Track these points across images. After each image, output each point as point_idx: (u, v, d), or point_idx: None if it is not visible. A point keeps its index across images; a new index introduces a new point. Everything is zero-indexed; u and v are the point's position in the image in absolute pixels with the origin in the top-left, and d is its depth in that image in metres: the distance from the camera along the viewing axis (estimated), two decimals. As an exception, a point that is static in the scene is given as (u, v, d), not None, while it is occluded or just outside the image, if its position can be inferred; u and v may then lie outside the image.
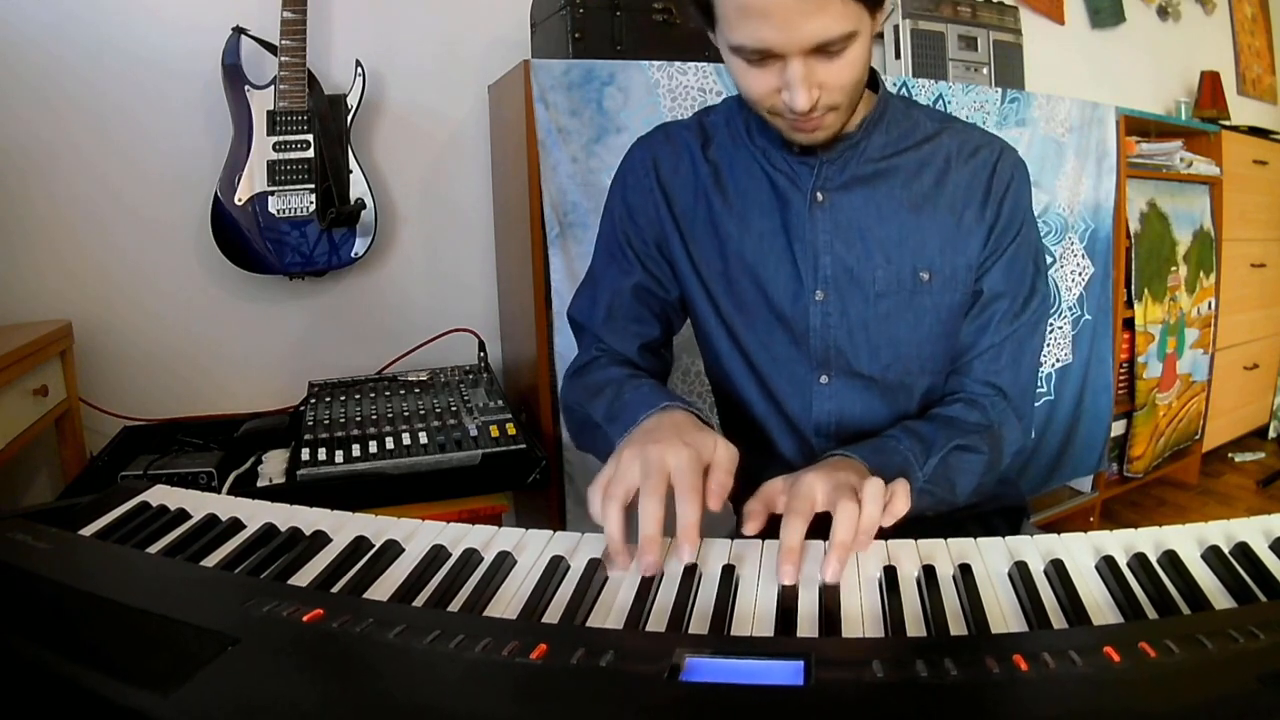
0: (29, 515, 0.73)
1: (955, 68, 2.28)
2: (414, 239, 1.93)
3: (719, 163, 0.99)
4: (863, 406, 0.97)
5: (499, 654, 0.49)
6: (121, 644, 0.53)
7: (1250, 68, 3.72)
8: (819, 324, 0.95)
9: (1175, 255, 2.67)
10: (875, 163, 0.94)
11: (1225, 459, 3.19)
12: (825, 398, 0.97)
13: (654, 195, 1.01)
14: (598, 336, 1.03)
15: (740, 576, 0.65)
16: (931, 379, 0.98)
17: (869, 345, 0.95)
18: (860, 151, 0.94)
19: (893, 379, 0.96)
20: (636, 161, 1.03)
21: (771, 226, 0.96)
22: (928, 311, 0.94)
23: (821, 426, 0.98)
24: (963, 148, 0.96)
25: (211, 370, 1.79)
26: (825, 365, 0.96)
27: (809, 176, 0.94)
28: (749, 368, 1.00)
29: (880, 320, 0.94)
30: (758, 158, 0.97)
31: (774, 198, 0.96)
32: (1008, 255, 0.96)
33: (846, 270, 0.94)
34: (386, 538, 0.72)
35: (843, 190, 0.94)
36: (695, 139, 1.01)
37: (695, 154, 1.00)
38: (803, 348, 0.97)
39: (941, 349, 0.97)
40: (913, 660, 0.47)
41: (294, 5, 1.63)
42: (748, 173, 0.97)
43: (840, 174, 0.94)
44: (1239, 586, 0.60)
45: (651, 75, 1.60)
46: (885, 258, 0.93)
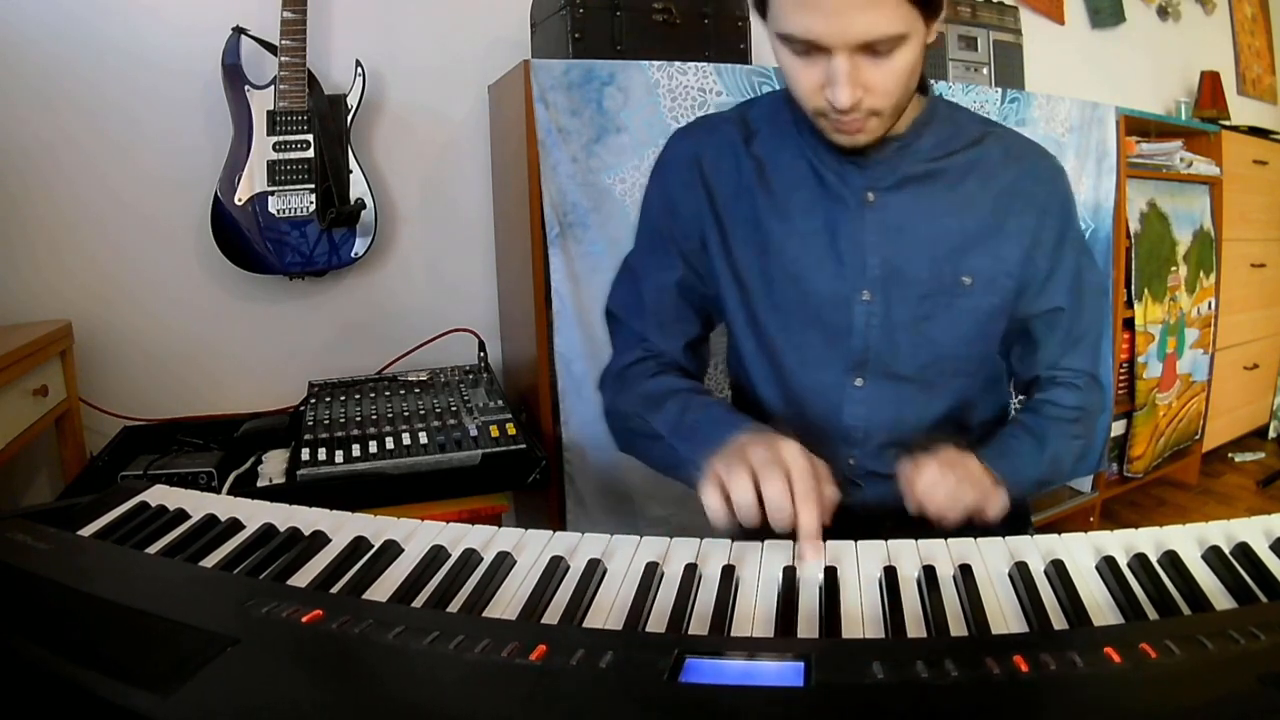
0: (29, 515, 0.73)
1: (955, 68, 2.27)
2: (414, 239, 1.93)
3: (763, 158, 0.97)
4: (893, 410, 0.96)
5: (499, 655, 0.49)
6: (121, 644, 0.53)
7: (1250, 68, 3.72)
8: (862, 325, 0.94)
9: (1175, 255, 2.67)
10: (925, 163, 0.94)
11: (1225, 459, 3.19)
12: (857, 401, 0.96)
13: (696, 189, 0.99)
14: (642, 336, 1.01)
15: (740, 577, 0.65)
16: (965, 381, 0.98)
17: (909, 346, 0.94)
18: (911, 152, 0.93)
19: (928, 380, 0.96)
20: (679, 153, 1.01)
21: (816, 225, 0.94)
22: (966, 314, 0.94)
23: (851, 431, 0.97)
24: (1007, 153, 0.96)
25: (211, 370, 1.79)
26: (862, 367, 0.95)
27: (859, 176, 0.93)
28: (775, 370, 0.99)
29: (921, 321, 0.94)
30: (806, 154, 0.95)
31: (822, 195, 0.94)
32: (1067, 263, 0.97)
33: (894, 271, 0.93)
34: (386, 538, 0.72)
35: (893, 190, 0.93)
36: (738, 132, 0.99)
37: (739, 148, 0.98)
38: (840, 349, 0.95)
39: (976, 351, 0.97)
40: (913, 661, 0.46)
41: (294, 5, 1.63)
42: (793, 169, 0.96)
43: (891, 174, 0.93)
44: (1239, 587, 0.60)
45: (651, 75, 1.60)
46: (931, 259, 0.93)
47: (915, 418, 0.96)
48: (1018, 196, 0.94)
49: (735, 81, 1.65)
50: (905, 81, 0.82)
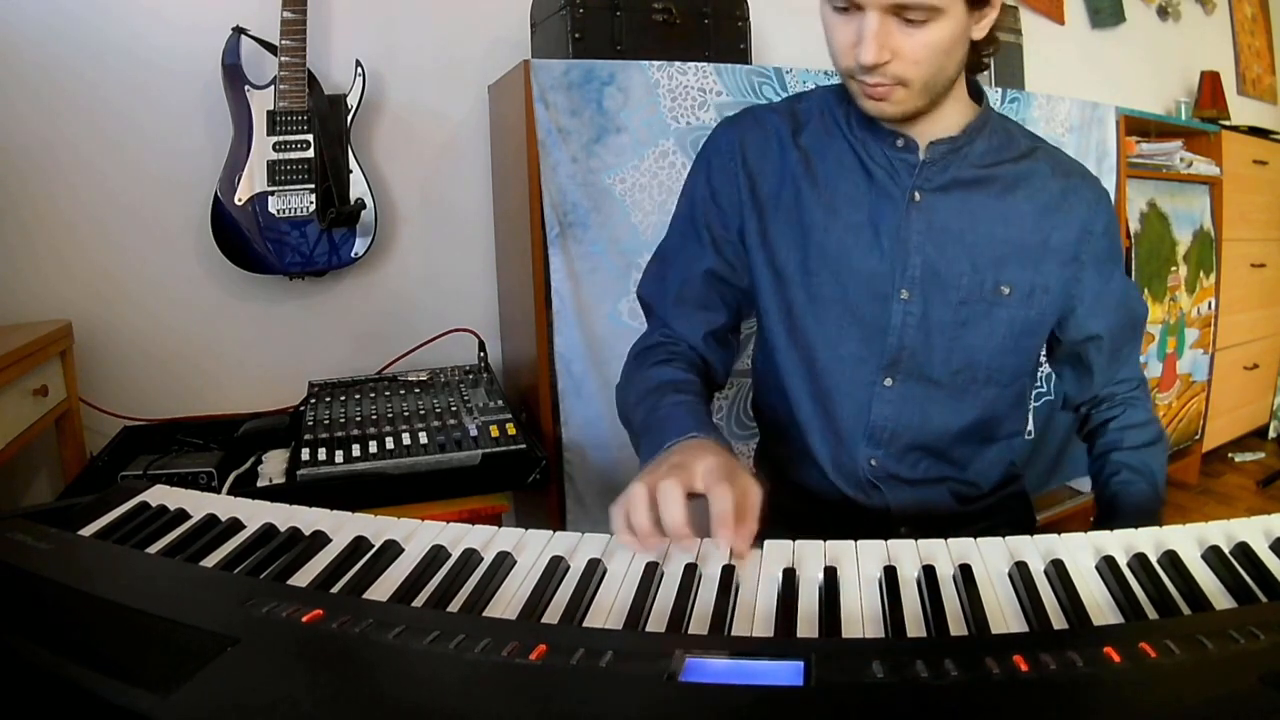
0: (29, 515, 0.73)
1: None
2: (414, 239, 1.93)
3: (810, 150, 0.97)
4: (921, 413, 0.96)
5: (499, 654, 0.49)
6: (121, 644, 0.53)
7: (1250, 68, 3.72)
8: (899, 323, 0.94)
9: (1175, 255, 2.67)
10: (976, 169, 0.94)
11: (1225, 459, 3.19)
12: (885, 401, 0.96)
13: (738, 179, 0.99)
14: (664, 320, 1.02)
15: (740, 576, 0.65)
16: (996, 390, 0.98)
17: (944, 350, 0.95)
18: (963, 156, 0.94)
19: (959, 385, 0.96)
20: (723, 143, 1.01)
21: (860, 219, 0.94)
22: (1002, 324, 0.95)
23: (877, 431, 0.97)
24: (1055, 170, 0.97)
25: (211, 370, 1.79)
26: (894, 366, 0.95)
27: (909, 174, 0.93)
28: (806, 365, 0.99)
29: (958, 326, 0.94)
30: (855, 148, 0.95)
31: (869, 190, 0.94)
32: (1115, 286, 1.00)
33: (934, 273, 0.93)
34: (386, 538, 0.72)
35: (941, 192, 0.93)
36: (786, 124, 0.99)
37: (785, 139, 0.98)
38: (874, 346, 0.95)
39: (1010, 362, 0.97)
40: (913, 661, 0.46)
41: (294, 5, 1.63)
42: (840, 163, 0.96)
43: (941, 175, 0.93)
44: (1239, 587, 0.60)
45: (651, 75, 1.60)
46: (972, 265, 0.93)
47: (942, 424, 0.96)
48: (1063, 213, 0.95)
49: (735, 81, 1.65)
50: (936, 58, 0.83)
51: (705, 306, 1.01)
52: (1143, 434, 1.01)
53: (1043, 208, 0.95)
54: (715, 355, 1.01)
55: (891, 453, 0.97)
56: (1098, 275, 0.98)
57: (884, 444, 0.97)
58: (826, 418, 0.98)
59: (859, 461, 0.97)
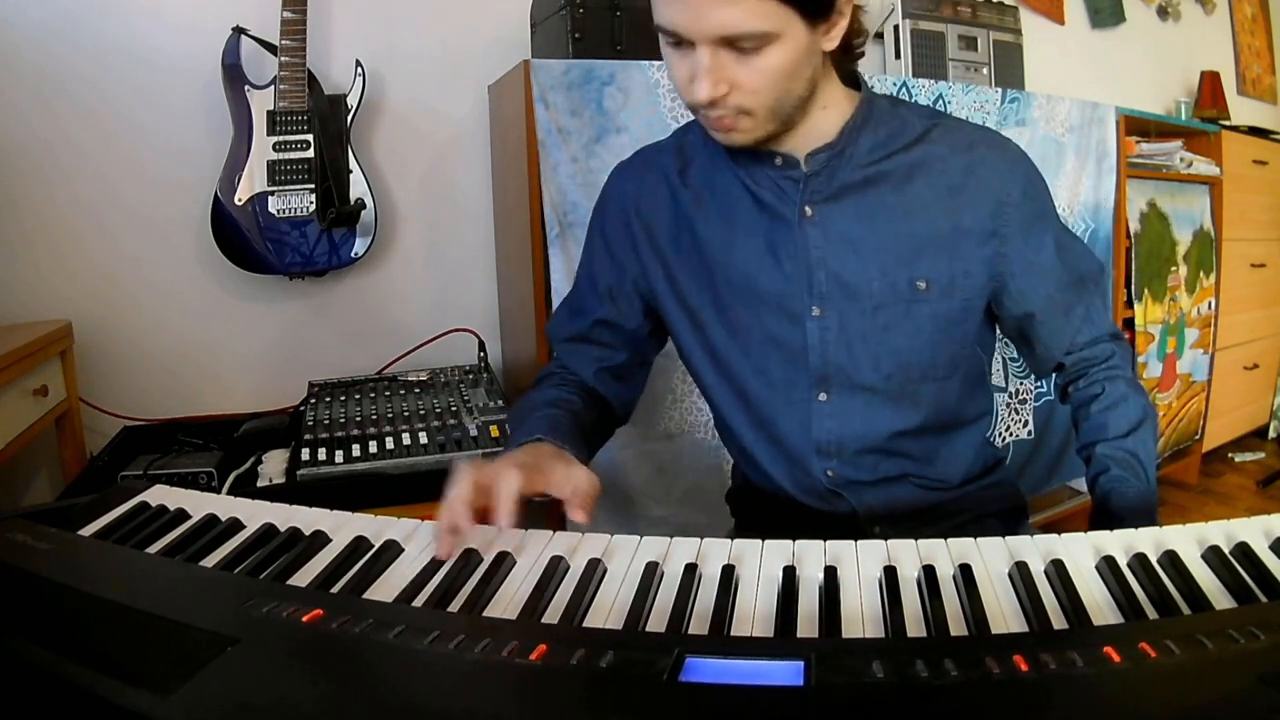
0: (29, 515, 0.73)
1: (955, 68, 2.28)
2: (414, 239, 1.93)
3: (699, 186, 0.96)
4: (863, 421, 0.95)
5: (499, 655, 0.49)
6: (121, 644, 0.53)
7: (1250, 68, 3.72)
8: (817, 340, 0.92)
9: (1175, 255, 2.67)
10: (864, 169, 0.90)
11: (1225, 459, 3.19)
12: (825, 415, 0.95)
13: (630, 229, 0.99)
14: (559, 356, 1.05)
15: (740, 576, 0.65)
16: (937, 385, 0.95)
17: (870, 357, 0.93)
18: (846, 159, 0.90)
19: (895, 388, 0.94)
20: (614, 193, 1.02)
21: (759, 245, 0.93)
22: (926, 320, 0.92)
23: (823, 446, 0.96)
24: (955, 146, 0.91)
25: (211, 370, 1.79)
26: (824, 382, 0.94)
27: (795, 191, 0.90)
28: (739, 397, 0.98)
29: (879, 331, 0.92)
30: (740, 176, 0.93)
31: (760, 215, 0.92)
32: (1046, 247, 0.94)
33: (842, 284, 0.91)
34: (386, 538, 0.72)
35: (832, 201, 0.90)
36: (674, 162, 0.98)
37: (674, 180, 0.97)
38: (799, 366, 0.94)
39: (943, 355, 0.94)
40: (913, 661, 0.46)
41: (294, 5, 1.63)
42: (729, 194, 0.94)
43: (828, 184, 0.90)
44: (1239, 587, 0.60)
45: (651, 75, 1.60)
46: (880, 268, 0.90)
47: (888, 426, 0.95)
48: (970, 191, 0.90)
49: (735, 81, 1.65)
50: (778, 83, 0.79)
51: (598, 347, 1.04)
52: (1127, 416, 0.95)
53: (947, 190, 0.90)
54: (610, 390, 1.04)
55: (845, 461, 0.96)
56: (1025, 242, 0.93)
57: (833, 455, 0.96)
58: (772, 441, 0.98)
59: (815, 476, 0.96)
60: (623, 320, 1.03)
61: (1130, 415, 0.95)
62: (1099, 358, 0.98)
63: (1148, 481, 0.92)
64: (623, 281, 1.01)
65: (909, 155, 0.91)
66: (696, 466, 1.68)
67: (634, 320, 1.03)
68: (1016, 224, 0.91)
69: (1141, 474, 0.92)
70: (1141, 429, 0.94)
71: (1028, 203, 0.92)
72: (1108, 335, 0.99)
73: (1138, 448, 0.94)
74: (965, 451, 1.01)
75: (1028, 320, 0.97)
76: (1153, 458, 0.94)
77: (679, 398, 1.69)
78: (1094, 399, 0.97)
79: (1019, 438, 2.18)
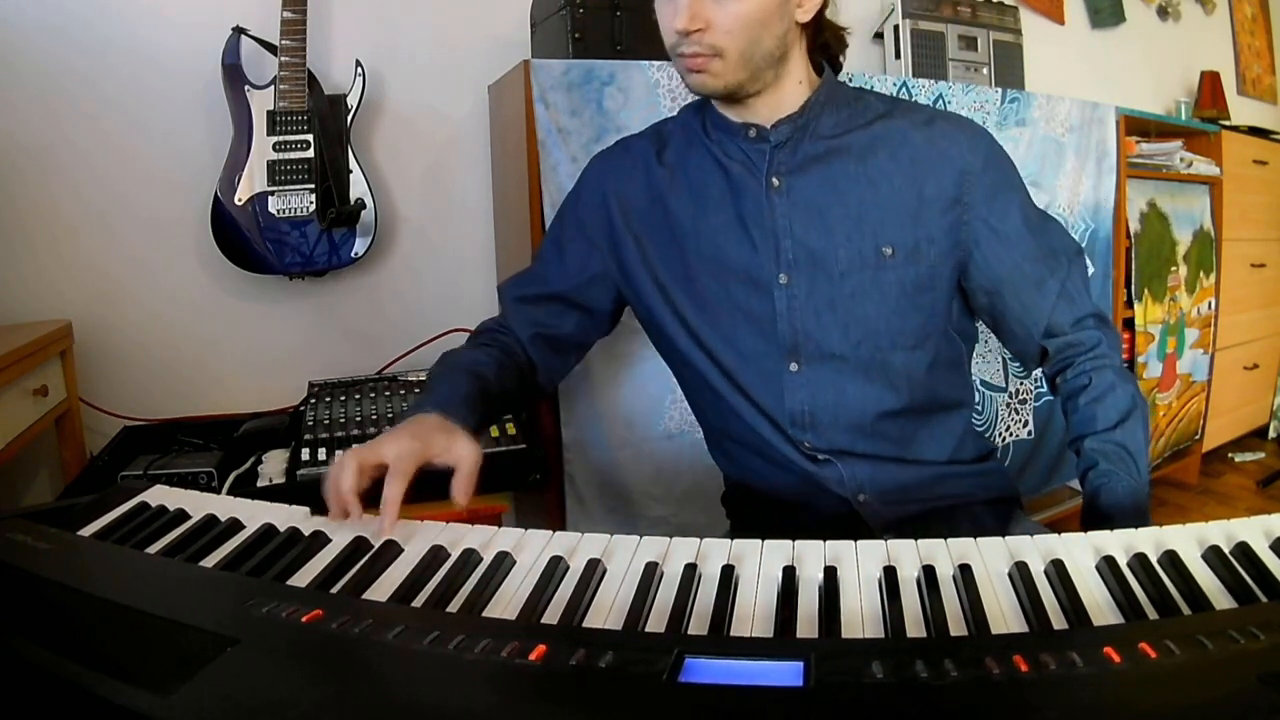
0: (29, 515, 0.73)
1: (955, 68, 2.27)
2: (414, 239, 1.93)
3: (673, 164, 1.01)
4: (835, 392, 0.96)
5: (498, 655, 0.49)
6: (121, 644, 0.53)
7: (1250, 68, 3.72)
8: (785, 308, 0.95)
9: (1175, 255, 2.67)
10: (827, 140, 0.95)
11: (1225, 459, 3.19)
12: (797, 386, 0.97)
13: (607, 208, 1.04)
14: (503, 313, 1.08)
15: (740, 576, 0.65)
16: (906, 354, 0.96)
17: (838, 325, 0.95)
18: (810, 131, 0.95)
19: (864, 356, 0.95)
20: (591, 175, 1.07)
21: (728, 217, 0.97)
22: (892, 286, 0.95)
23: (796, 416, 0.97)
24: (914, 122, 0.96)
25: (211, 370, 1.79)
26: (794, 352, 0.96)
27: (763, 161, 0.95)
28: (716, 366, 1.00)
29: (847, 299, 0.95)
30: (713, 151, 0.99)
31: (729, 188, 0.97)
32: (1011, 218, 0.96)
33: (809, 252, 0.94)
34: (386, 538, 0.72)
35: (798, 172, 0.95)
36: (651, 146, 1.04)
37: (650, 161, 1.03)
38: (770, 337, 0.96)
39: (911, 323, 0.96)
40: (913, 661, 0.47)
41: (294, 5, 1.63)
42: (702, 168, 0.99)
43: (793, 156, 0.95)
44: (1239, 587, 0.60)
45: (651, 75, 1.60)
46: (846, 236, 0.94)
47: (859, 397, 0.96)
48: (931, 162, 0.94)
49: (735, 81, 1.65)
50: (749, 29, 0.87)
51: (544, 316, 1.06)
52: (1116, 407, 0.94)
53: (908, 161, 0.95)
54: (542, 357, 1.06)
55: (820, 432, 0.97)
56: (989, 211, 0.95)
57: (808, 427, 0.97)
58: (755, 406, 1.00)
59: (796, 444, 0.98)
60: (581, 298, 1.06)
61: (1119, 405, 0.94)
62: (1085, 344, 0.98)
63: (1138, 473, 0.92)
64: (591, 260, 1.05)
65: (870, 130, 0.96)
66: (696, 466, 1.68)
67: (593, 298, 1.06)
68: (979, 192, 0.95)
69: (1131, 466, 0.92)
70: (1130, 420, 0.94)
71: (990, 172, 0.95)
72: (1090, 317, 0.98)
73: (1126, 439, 0.93)
74: (945, 438, 1.01)
75: (996, 295, 0.98)
76: (1143, 448, 0.94)
77: (679, 398, 1.69)
78: (1082, 390, 0.96)
79: (1019, 438, 2.18)
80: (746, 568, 0.67)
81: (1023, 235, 0.96)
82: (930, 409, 1.00)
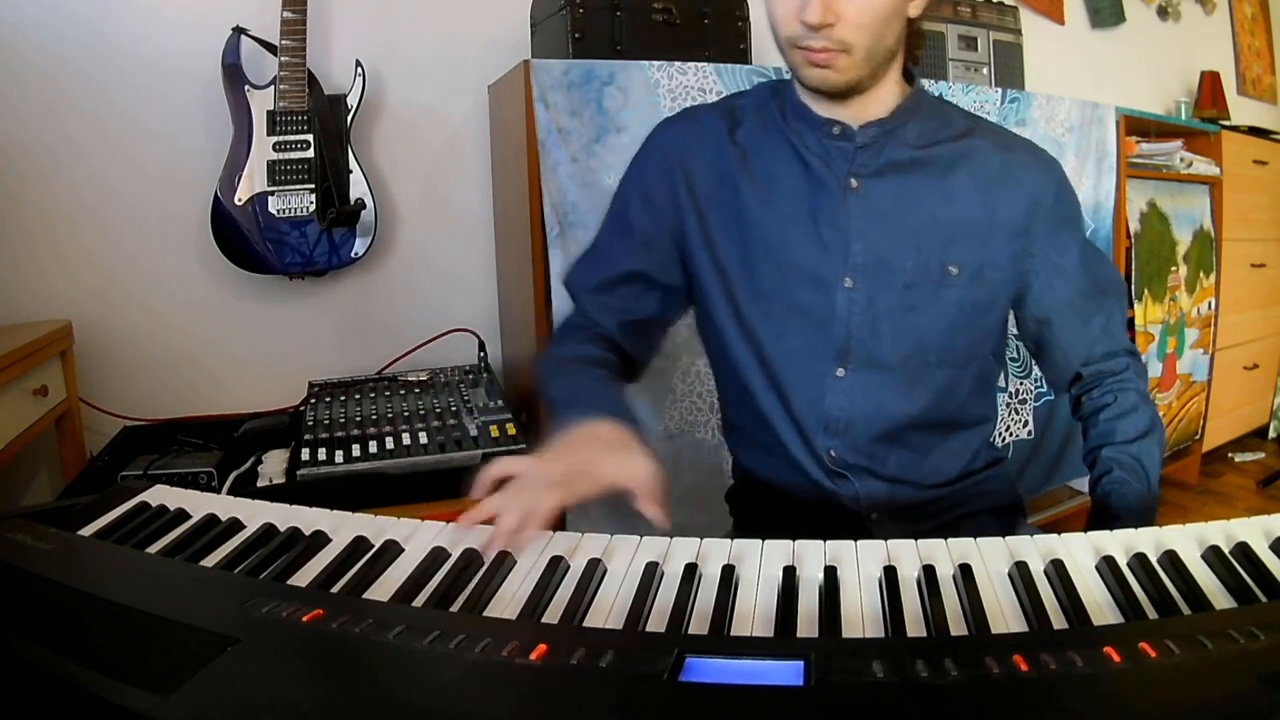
0: (29, 515, 0.73)
1: (955, 68, 2.27)
2: (414, 239, 1.93)
3: (747, 145, 0.98)
4: (875, 402, 0.96)
5: (499, 654, 0.49)
6: (121, 644, 0.53)
7: (1250, 68, 3.73)
8: (844, 312, 0.94)
9: (1175, 255, 2.67)
10: (912, 150, 0.94)
11: (1225, 459, 3.19)
12: (839, 392, 0.95)
13: (674, 178, 0.99)
14: (584, 309, 1.04)
15: (740, 576, 0.65)
16: (950, 372, 0.97)
17: (892, 335, 0.94)
18: (897, 138, 0.93)
19: (911, 369, 0.95)
20: (660, 143, 1.02)
21: (799, 210, 0.94)
22: (952, 305, 0.94)
23: (831, 421, 0.96)
24: (997, 145, 0.96)
25: (211, 370, 1.79)
26: (844, 356, 0.95)
27: (844, 161, 0.93)
28: (758, 359, 0.98)
29: (905, 311, 0.94)
30: (791, 140, 0.96)
31: (805, 181, 0.95)
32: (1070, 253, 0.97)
33: (877, 258, 0.93)
34: (386, 538, 0.72)
35: (877, 177, 0.93)
36: (723, 122, 0.99)
37: (722, 137, 0.98)
38: (823, 337, 0.95)
39: (962, 343, 0.96)
40: (913, 660, 0.46)
41: (294, 5, 1.63)
42: (777, 156, 0.96)
43: (876, 159, 0.93)
44: (1239, 587, 0.60)
45: (651, 75, 1.60)
46: (916, 248, 0.93)
47: (896, 410, 0.96)
48: (1008, 188, 0.94)
49: (735, 81, 1.65)
50: (877, 24, 0.84)
51: (625, 299, 1.02)
52: (1135, 424, 0.97)
53: (985, 183, 0.94)
54: (631, 344, 1.03)
55: (848, 442, 0.96)
56: (1051, 244, 0.96)
57: (839, 434, 0.96)
58: (786, 408, 0.98)
59: (819, 453, 0.97)
60: (657, 273, 1.01)
61: (1139, 424, 0.97)
62: (1114, 370, 1.01)
63: (1149, 487, 0.94)
64: (660, 231, 1.01)
65: (954, 146, 0.95)
66: (696, 466, 1.68)
67: (670, 273, 1.02)
68: (1046, 225, 0.96)
69: (1144, 479, 0.94)
70: (1148, 438, 0.97)
71: (1058, 206, 0.97)
72: (1124, 350, 1.02)
73: (1142, 454, 0.96)
74: (963, 453, 1.02)
75: (1046, 325, 1.00)
76: (1156, 466, 0.96)
77: (679, 398, 1.69)
78: (1105, 408, 1.00)
79: (1019, 438, 2.18)
80: (747, 567, 0.66)
81: (1079, 270, 0.98)
82: (956, 426, 1.01)
